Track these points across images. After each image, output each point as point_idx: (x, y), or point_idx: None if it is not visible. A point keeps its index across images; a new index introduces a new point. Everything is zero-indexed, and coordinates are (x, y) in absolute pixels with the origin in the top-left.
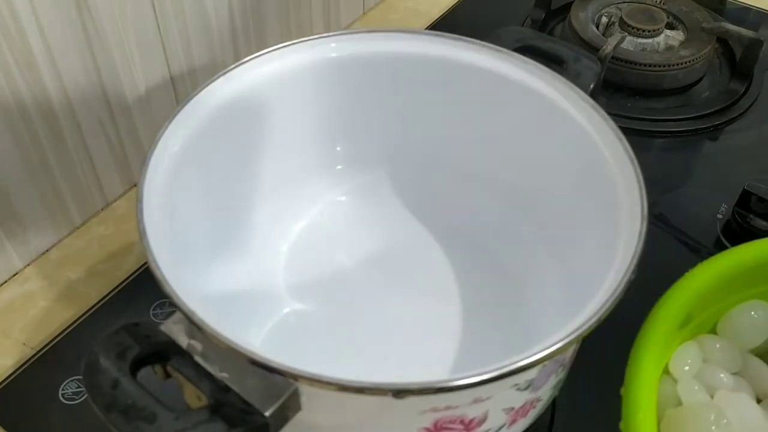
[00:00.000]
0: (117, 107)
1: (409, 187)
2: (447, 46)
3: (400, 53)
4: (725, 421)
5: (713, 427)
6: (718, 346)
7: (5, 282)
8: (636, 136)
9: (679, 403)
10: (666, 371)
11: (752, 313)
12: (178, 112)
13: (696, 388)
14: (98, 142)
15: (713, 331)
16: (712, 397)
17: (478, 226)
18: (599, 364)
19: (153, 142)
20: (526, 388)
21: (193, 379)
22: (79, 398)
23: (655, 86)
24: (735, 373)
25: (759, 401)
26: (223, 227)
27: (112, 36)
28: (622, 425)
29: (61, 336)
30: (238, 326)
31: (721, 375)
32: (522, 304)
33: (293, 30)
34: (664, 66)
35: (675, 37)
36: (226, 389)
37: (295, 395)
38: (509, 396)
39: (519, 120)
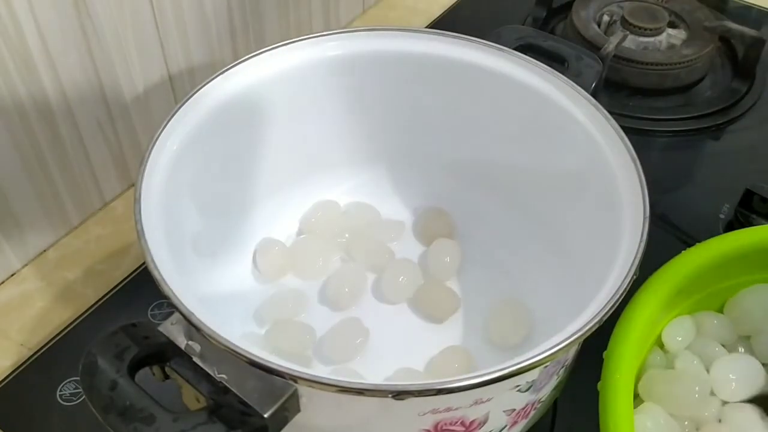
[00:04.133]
0: (115, 107)
1: (409, 186)
2: (447, 45)
3: (400, 52)
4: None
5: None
6: (715, 322)
7: (3, 282)
8: (638, 135)
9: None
10: (657, 343)
11: (761, 296)
12: (177, 111)
13: (690, 357)
14: (96, 142)
15: (719, 311)
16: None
17: (478, 226)
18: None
19: (151, 141)
20: (527, 390)
21: (192, 380)
22: (77, 399)
23: (657, 85)
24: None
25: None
26: (222, 227)
27: (110, 35)
28: (599, 385)
29: (58, 337)
30: (237, 327)
31: (717, 349)
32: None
33: (292, 28)
34: (666, 65)
35: (677, 35)
36: (225, 390)
37: (295, 397)
38: (510, 397)
39: (520, 119)
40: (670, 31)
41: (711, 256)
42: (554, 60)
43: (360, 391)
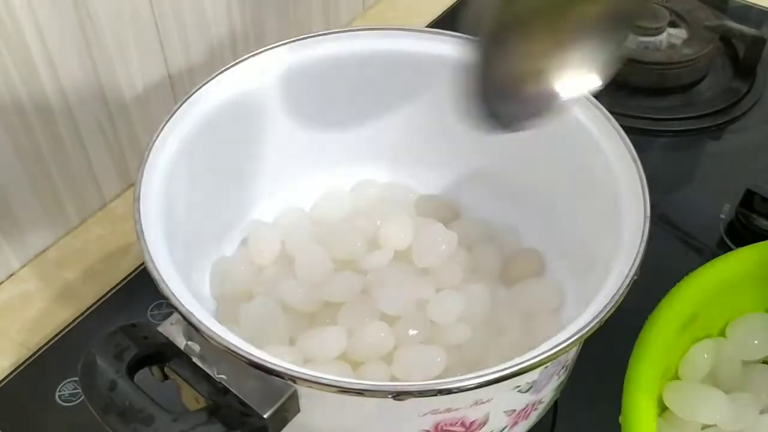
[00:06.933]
0: (115, 106)
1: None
2: (447, 44)
3: (400, 51)
4: None
5: None
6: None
7: (2, 282)
8: (638, 135)
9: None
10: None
11: (763, 323)
12: (176, 110)
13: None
14: (96, 142)
15: (722, 333)
16: None
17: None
18: (601, 365)
19: (151, 141)
20: (527, 390)
21: (191, 380)
22: (76, 400)
23: (658, 85)
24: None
25: None
26: (222, 226)
27: (110, 34)
28: (621, 418)
29: (58, 337)
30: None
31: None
32: None
33: (292, 28)
34: (667, 64)
35: (678, 35)
36: (225, 391)
37: (294, 397)
38: (511, 398)
39: None
40: (670, 30)
41: (719, 277)
42: None
43: (360, 392)
